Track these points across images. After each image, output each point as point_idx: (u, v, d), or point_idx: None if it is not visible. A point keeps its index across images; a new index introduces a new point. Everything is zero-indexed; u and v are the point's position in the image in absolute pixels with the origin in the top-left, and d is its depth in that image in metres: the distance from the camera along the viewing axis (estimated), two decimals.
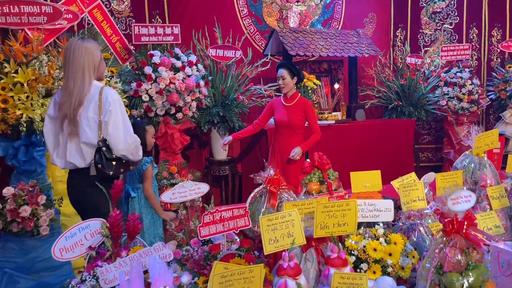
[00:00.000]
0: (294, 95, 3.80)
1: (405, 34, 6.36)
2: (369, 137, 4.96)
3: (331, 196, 2.59)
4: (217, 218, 1.82)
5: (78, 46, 2.36)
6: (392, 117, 5.69)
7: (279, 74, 3.77)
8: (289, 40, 4.79)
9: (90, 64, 2.36)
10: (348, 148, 4.78)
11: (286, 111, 3.78)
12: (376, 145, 4.99)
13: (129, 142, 2.35)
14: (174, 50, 4.11)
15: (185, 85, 3.99)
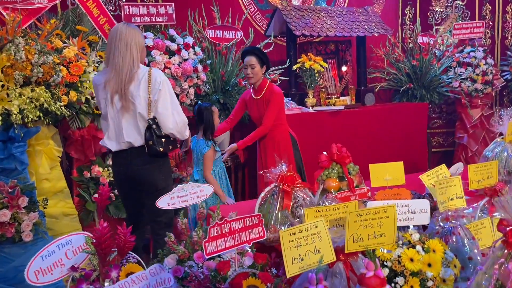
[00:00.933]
0: (262, 85, 3.43)
1: (414, 12, 5.98)
2: (380, 123, 4.66)
3: (352, 194, 2.27)
4: (226, 230, 1.50)
5: (125, 28, 2.45)
6: (402, 101, 5.35)
7: (247, 61, 3.37)
8: (294, 19, 4.43)
9: (137, 44, 2.44)
10: (358, 135, 4.47)
11: (257, 105, 3.45)
12: (388, 130, 4.69)
13: (177, 121, 2.46)
14: (169, 32, 3.79)
15: (182, 70, 3.66)
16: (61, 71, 2.91)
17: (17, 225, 2.65)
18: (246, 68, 3.39)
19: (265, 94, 3.39)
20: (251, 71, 3.35)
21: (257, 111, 3.44)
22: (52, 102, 2.75)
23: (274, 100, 3.35)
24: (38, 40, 2.82)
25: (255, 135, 3.40)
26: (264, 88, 3.41)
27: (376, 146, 4.52)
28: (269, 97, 3.35)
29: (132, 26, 2.52)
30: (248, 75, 3.37)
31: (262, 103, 3.40)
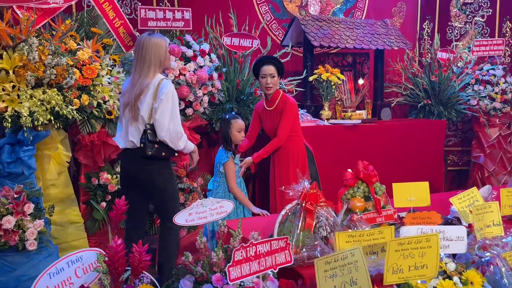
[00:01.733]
0: (275, 96, 3.29)
1: (432, 26, 5.88)
2: (397, 139, 4.53)
3: (379, 216, 2.14)
4: (251, 254, 1.37)
5: (147, 42, 2.63)
6: (419, 117, 5.23)
7: (267, 71, 3.22)
8: (312, 30, 4.33)
9: (156, 60, 2.63)
10: (374, 150, 4.34)
11: (270, 117, 3.32)
12: (404, 147, 4.55)
13: (171, 130, 2.57)
14: (185, 38, 3.67)
15: (197, 77, 3.55)
16: (74, 74, 2.80)
17: (21, 233, 2.53)
18: (264, 78, 3.25)
19: (279, 105, 3.27)
20: (271, 81, 3.22)
21: (271, 123, 3.32)
22: (63, 106, 2.64)
23: (289, 110, 3.22)
24: (52, 41, 2.72)
25: (270, 148, 3.28)
26: (277, 99, 3.29)
27: (392, 163, 4.39)
28: (283, 107, 3.23)
29: (154, 37, 2.67)
30: (268, 85, 3.23)
31: (276, 114, 3.29)
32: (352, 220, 2.13)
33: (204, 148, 4.54)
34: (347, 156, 4.13)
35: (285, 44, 4.61)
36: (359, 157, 4.14)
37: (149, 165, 2.64)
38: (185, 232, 3.61)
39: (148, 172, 2.66)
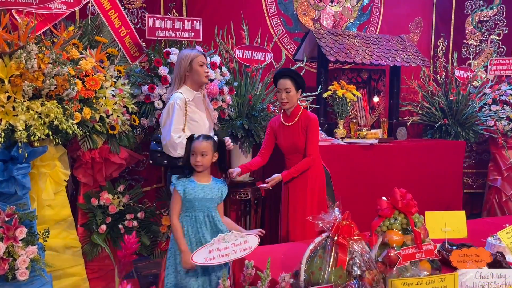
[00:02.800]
0: (295, 111, 3.06)
1: (447, 44, 5.70)
2: (414, 160, 4.31)
3: (419, 251, 1.88)
4: None
5: (179, 54, 2.92)
6: (435, 137, 5.03)
7: (283, 85, 2.99)
8: (327, 44, 4.12)
9: (177, 73, 2.87)
10: (390, 171, 4.13)
11: (289, 132, 3.07)
12: (422, 168, 4.33)
13: (166, 140, 2.78)
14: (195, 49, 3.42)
15: (207, 91, 3.30)
16: (76, 85, 2.56)
17: (12, 261, 2.25)
18: (280, 92, 3.02)
19: (300, 121, 3.04)
20: (285, 96, 2.98)
21: (289, 139, 3.07)
22: (63, 119, 2.39)
23: (315, 128, 3.02)
24: (53, 48, 2.48)
25: (301, 167, 3.00)
26: (298, 114, 3.05)
27: (409, 185, 3.97)
28: (306, 124, 3.00)
29: (184, 50, 2.91)
30: (282, 100, 2.99)
31: (296, 130, 3.04)
32: (389, 257, 1.87)
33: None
34: (363, 177, 4.00)
35: (298, 58, 4.41)
36: (375, 178, 4.05)
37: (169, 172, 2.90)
38: None
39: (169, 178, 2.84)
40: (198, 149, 2.27)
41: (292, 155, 3.07)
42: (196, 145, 2.29)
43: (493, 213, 5.33)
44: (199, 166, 2.28)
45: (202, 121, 2.88)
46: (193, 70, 2.82)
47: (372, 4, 5.22)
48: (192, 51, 2.87)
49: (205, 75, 2.87)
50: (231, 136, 3.74)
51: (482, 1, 5.67)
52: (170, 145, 2.77)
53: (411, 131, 5.30)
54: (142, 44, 3.51)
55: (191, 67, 2.81)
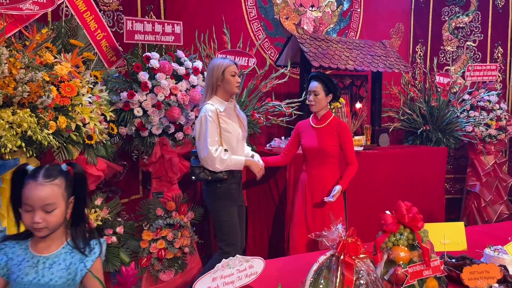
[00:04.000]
0: (326, 115, 3.17)
1: (425, 50, 5.73)
2: (399, 166, 4.30)
3: (426, 268, 1.79)
4: None
5: (210, 65, 2.91)
6: (416, 143, 5.03)
7: (312, 87, 3.12)
8: (310, 49, 4.04)
9: (208, 83, 2.86)
10: (374, 178, 4.11)
11: (317, 134, 3.13)
12: (406, 175, 4.32)
13: (204, 154, 2.75)
14: (176, 53, 3.29)
15: (189, 97, 3.17)
16: (51, 91, 2.36)
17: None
18: (309, 95, 3.13)
19: (331, 125, 3.13)
20: (313, 98, 3.09)
21: (317, 141, 3.11)
22: (38, 130, 2.20)
23: (349, 134, 3.16)
24: (26, 52, 2.28)
25: (351, 174, 3.14)
26: (329, 119, 3.16)
27: (393, 192, 4.15)
28: (338, 130, 3.11)
29: (214, 60, 2.92)
30: (310, 102, 3.11)
31: (325, 133, 3.12)
32: (396, 275, 1.77)
33: None
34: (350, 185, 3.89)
35: (280, 63, 4.32)
36: (361, 185, 3.98)
37: (206, 187, 2.91)
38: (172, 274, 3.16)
39: (204, 193, 2.92)
40: (35, 200, 1.35)
41: (315, 158, 3.11)
42: (30, 193, 1.35)
43: (472, 218, 5.36)
44: (39, 229, 1.37)
45: (235, 131, 2.87)
46: (225, 80, 2.80)
47: (352, 10, 5.18)
48: (225, 61, 2.86)
49: (237, 85, 2.86)
50: None
51: (458, 7, 5.72)
52: (209, 159, 2.75)
53: (392, 137, 5.27)
54: (119, 48, 3.34)
55: (224, 77, 2.80)
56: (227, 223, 2.84)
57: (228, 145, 2.84)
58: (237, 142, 2.89)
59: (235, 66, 2.86)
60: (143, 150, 3.22)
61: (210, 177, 2.80)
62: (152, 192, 3.26)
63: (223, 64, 2.82)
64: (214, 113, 2.77)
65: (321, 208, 3.07)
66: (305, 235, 3.05)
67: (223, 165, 2.77)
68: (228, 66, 2.83)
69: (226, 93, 2.84)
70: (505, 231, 2.70)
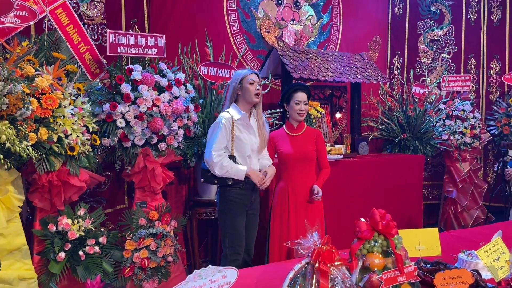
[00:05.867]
0: (301, 124, 3.25)
1: (402, 62, 5.79)
2: (378, 174, 4.32)
3: (400, 274, 1.76)
4: None
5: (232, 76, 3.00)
6: (394, 151, 5.04)
7: (302, 98, 3.15)
8: (291, 61, 4.04)
9: (229, 92, 2.91)
10: (354, 186, 4.12)
11: (297, 141, 3.17)
12: (385, 183, 4.34)
13: (206, 157, 2.83)
14: (159, 66, 3.27)
15: (172, 108, 3.13)
16: (31, 104, 2.30)
17: None
18: (298, 104, 3.13)
19: (309, 132, 3.21)
20: (305, 108, 3.16)
21: (299, 147, 3.14)
22: (17, 141, 2.13)
23: (323, 140, 3.25)
24: (5, 65, 2.22)
25: (326, 176, 3.24)
26: (304, 127, 3.24)
27: (373, 199, 4.16)
28: (315, 137, 3.20)
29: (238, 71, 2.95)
30: (302, 111, 3.15)
31: (306, 140, 3.17)
32: (371, 282, 1.73)
33: (175, 185, 4.15)
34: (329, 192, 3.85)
35: (262, 75, 4.27)
36: (341, 193, 3.98)
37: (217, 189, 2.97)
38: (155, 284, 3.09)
39: (216, 196, 2.98)
40: None
41: (297, 164, 3.13)
42: None
43: (450, 224, 5.38)
44: None
45: (250, 140, 2.89)
46: (244, 88, 2.85)
47: (332, 23, 5.21)
48: (244, 70, 2.93)
49: (256, 92, 2.86)
50: (196, 155, 3.59)
51: (433, 21, 5.79)
52: (210, 163, 2.80)
53: (371, 146, 5.29)
54: (103, 60, 3.30)
55: (242, 85, 2.85)
56: (229, 228, 2.85)
57: (240, 154, 2.86)
58: (252, 152, 2.90)
59: (254, 75, 2.90)
60: (126, 160, 3.17)
61: (216, 181, 2.85)
62: (135, 202, 3.19)
63: (242, 72, 2.90)
64: (228, 120, 2.81)
65: (306, 214, 3.05)
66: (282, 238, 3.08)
67: (222, 171, 2.79)
68: (247, 74, 2.88)
69: (245, 101, 2.88)
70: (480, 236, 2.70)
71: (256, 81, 2.87)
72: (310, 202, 3.09)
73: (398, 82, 5.62)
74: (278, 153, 3.20)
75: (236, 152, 2.85)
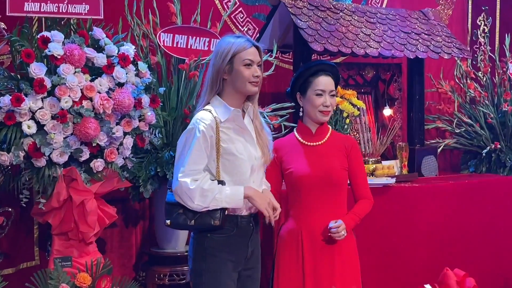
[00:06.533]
0: (323, 128, 3.24)
1: (491, 23, 5.84)
2: (453, 208, 4.35)
3: None
4: None
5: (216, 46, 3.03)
6: (480, 171, 5.14)
7: (327, 86, 3.14)
8: (310, 23, 4.09)
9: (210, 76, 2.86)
10: (415, 229, 4.16)
11: (316, 155, 3.17)
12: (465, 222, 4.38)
13: (175, 185, 2.76)
14: (92, 33, 3.34)
15: (114, 102, 3.21)
16: None
17: None
18: (320, 95, 3.11)
19: (336, 141, 3.22)
20: (331, 102, 3.12)
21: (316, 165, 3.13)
22: None
23: (361, 155, 3.29)
24: None
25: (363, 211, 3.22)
26: (328, 133, 3.23)
27: (444, 249, 4.20)
28: (347, 147, 3.20)
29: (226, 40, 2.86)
30: (326, 108, 3.12)
31: (331, 152, 3.17)
32: None
33: (119, 229, 4.27)
34: (372, 238, 3.99)
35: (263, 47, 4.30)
36: (393, 240, 4.03)
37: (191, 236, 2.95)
38: None
39: (189, 247, 2.96)
40: None
41: (318, 191, 3.11)
42: None
43: None
44: None
45: (246, 153, 2.85)
46: (235, 72, 2.77)
47: None
48: (237, 40, 2.80)
49: (254, 80, 2.80)
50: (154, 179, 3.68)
51: None
52: (182, 192, 2.75)
53: (443, 162, 5.38)
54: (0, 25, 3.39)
55: (232, 65, 2.76)
56: None
57: (233, 176, 2.84)
58: (251, 172, 2.87)
59: (253, 49, 2.82)
60: (38, 189, 3.20)
61: (193, 222, 2.77)
62: (53, 258, 3.23)
63: (233, 45, 2.80)
64: (210, 124, 2.76)
65: (331, 274, 3.06)
66: None
67: (206, 200, 2.72)
68: (242, 48, 2.79)
69: (236, 92, 2.83)
70: None
71: (255, 61, 2.83)
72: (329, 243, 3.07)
73: (485, 57, 5.67)
74: (286, 174, 3.20)
75: (227, 174, 2.82)
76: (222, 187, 2.75)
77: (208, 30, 3.97)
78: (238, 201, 2.76)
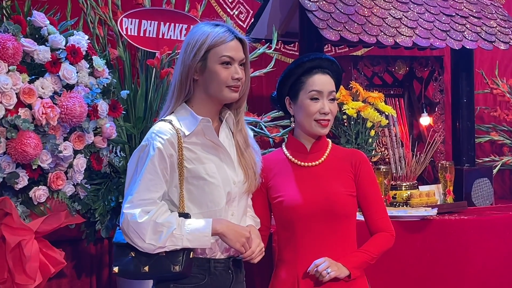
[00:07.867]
0: (321, 143, 3.22)
1: None
2: None
3: None
4: None
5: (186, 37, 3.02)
6: None
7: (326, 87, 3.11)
8: (321, 4, 4.13)
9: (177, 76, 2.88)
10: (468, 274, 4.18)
11: (313, 179, 3.15)
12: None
13: (122, 219, 2.75)
14: (32, 18, 3.39)
15: (60, 111, 3.25)
16: None
17: None
18: (317, 100, 3.08)
19: (334, 159, 3.19)
20: (330, 107, 3.10)
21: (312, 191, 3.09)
22: None
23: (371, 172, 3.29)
24: None
25: (380, 248, 3.15)
26: (328, 148, 3.22)
27: None
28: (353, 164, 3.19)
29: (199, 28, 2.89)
30: (325, 115, 3.09)
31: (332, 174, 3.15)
32: None
33: (69, 277, 4.32)
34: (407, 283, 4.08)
35: (258, 36, 4.48)
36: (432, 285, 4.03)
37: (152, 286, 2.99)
38: None
39: None
40: None
41: (316, 225, 3.08)
42: None
43: None
44: None
45: (221, 176, 2.85)
46: (208, 71, 2.79)
47: None
48: (215, 29, 2.83)
49: (233, 83, 2.82)
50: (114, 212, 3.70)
51: None
52: (127, 229, 2.75)
53: (501, 187, 5.42)
54: None
55: (206, 63, 2.78)
56: None
57: (203, 207, 2.84)
58: (228, 201, 2.86)
59: (237, 42, 2.84)
60: None
61: (147, 268, 2.76)
62: None
63: (208, 37, 2.81)
64: (170, 139, 2.76)
65: None
66: None
67: (160, 238, 2.71)
68: (218, 41, 2.80)
69: (209, 98, 2.84)
70: None
71: (236, 59, 2.87)
72: None
73: None
74: (275, 204, 3.19)
75: (194, 205, 2.83)
76: (183, 221, 2.73)
77: (186, 14, 4.04)
78: (203, 239, 2.75)
